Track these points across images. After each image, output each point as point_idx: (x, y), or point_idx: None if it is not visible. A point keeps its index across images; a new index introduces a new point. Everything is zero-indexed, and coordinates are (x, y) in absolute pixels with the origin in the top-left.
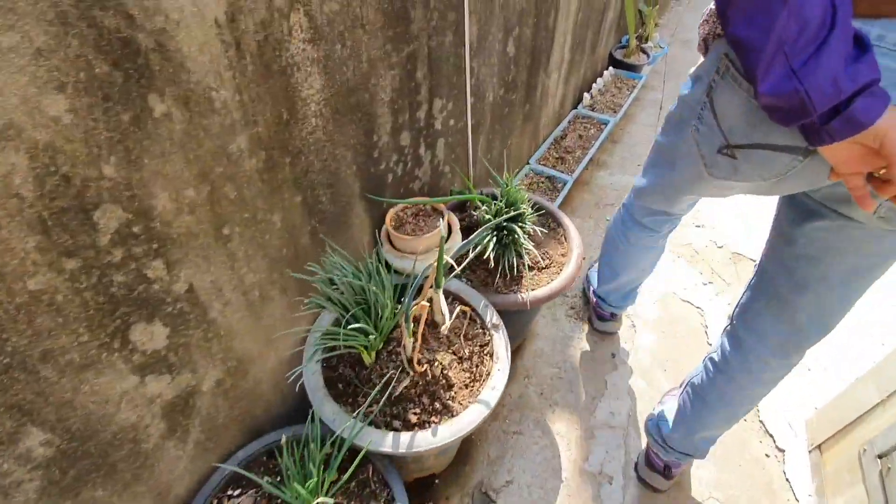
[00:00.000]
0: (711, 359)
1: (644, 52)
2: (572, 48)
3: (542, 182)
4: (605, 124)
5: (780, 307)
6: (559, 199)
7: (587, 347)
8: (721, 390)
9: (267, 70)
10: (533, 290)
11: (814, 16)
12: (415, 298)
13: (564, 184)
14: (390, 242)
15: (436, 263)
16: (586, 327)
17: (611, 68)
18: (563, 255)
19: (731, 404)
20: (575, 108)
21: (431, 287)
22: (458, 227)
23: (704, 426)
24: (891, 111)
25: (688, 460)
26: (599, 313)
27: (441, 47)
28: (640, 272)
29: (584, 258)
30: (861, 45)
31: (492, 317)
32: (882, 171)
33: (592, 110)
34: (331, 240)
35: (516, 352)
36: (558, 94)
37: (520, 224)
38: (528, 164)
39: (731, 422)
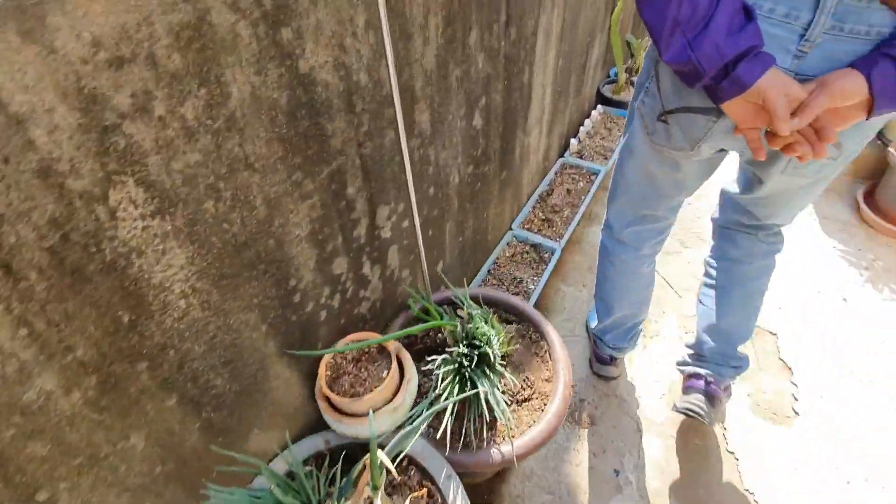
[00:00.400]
0: (710, 257)
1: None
2: (554, 98)
3: (527, 252)
4: (596, 174)
5: (747, 212)
6: (546, 273)
7: (586, 462)
8: (728, 274)
9: (77, 277)
10: (512, 436)
11: (702, 1)
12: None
13: (552, 253)
14: (327, 400)
15: (369, 461)
16: (583, 432)
17: (599, 107)
18: (547, 379)
19: (740, 283)
20: (562, 155)
21: (368, 484)
22: (412, 365)
23: (726, 314)
24: (771, 73)
25: (728, 375)
26: (598, 355)
27: (380, 150)
28: (635, 306)
29: (573, 385)
30: (748, 16)
31: (455, 496)
32: (771, 126)
33: (581, 158)
34: (238, 423)
35: (500, 475)
36: (541, 148)
37: (485, 371)
38: (510, 229)
39: (749, 308)
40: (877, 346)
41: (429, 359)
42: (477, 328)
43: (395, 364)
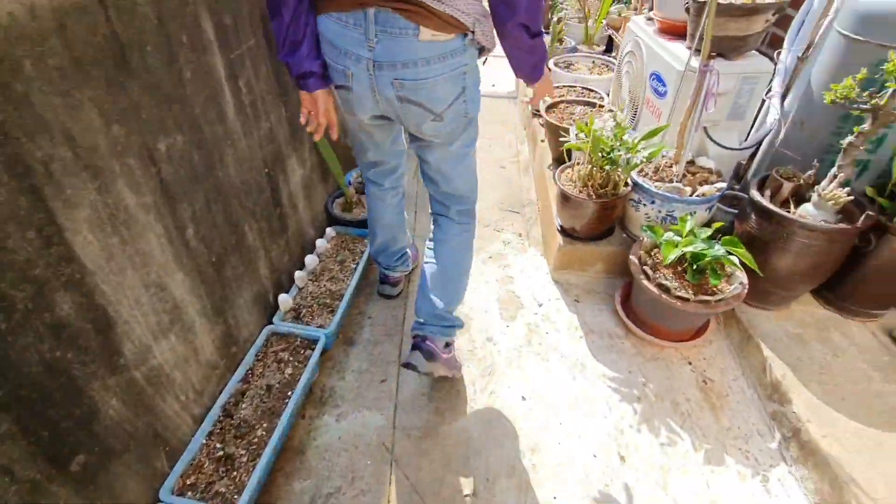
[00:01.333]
0: (429, 240)
1: None
2: (206, 275)
3: None
4: (315, 343)
5: (434, 186)
6: None
7: None
8: (436, 255)
9: None
10: None
11: (299, 30)
12: None
13: None
14: None
15: None
16: None
17: (330, 230)
18: None
19: (444, 259)
20: (270, 322)
21: None
22: None
23: (435, 286)
24: (323, 91)
25: (443, 333)
26: (381, 276)
27: None
28: (390, 229)
29: None
30: (318, 49)
31: None
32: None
33: (298, 317)
34: None
35: None
36: (204, 348)
37: None
38: (159, 501)
39: (453, 283)
40: None
41: None
42: None
43: None
